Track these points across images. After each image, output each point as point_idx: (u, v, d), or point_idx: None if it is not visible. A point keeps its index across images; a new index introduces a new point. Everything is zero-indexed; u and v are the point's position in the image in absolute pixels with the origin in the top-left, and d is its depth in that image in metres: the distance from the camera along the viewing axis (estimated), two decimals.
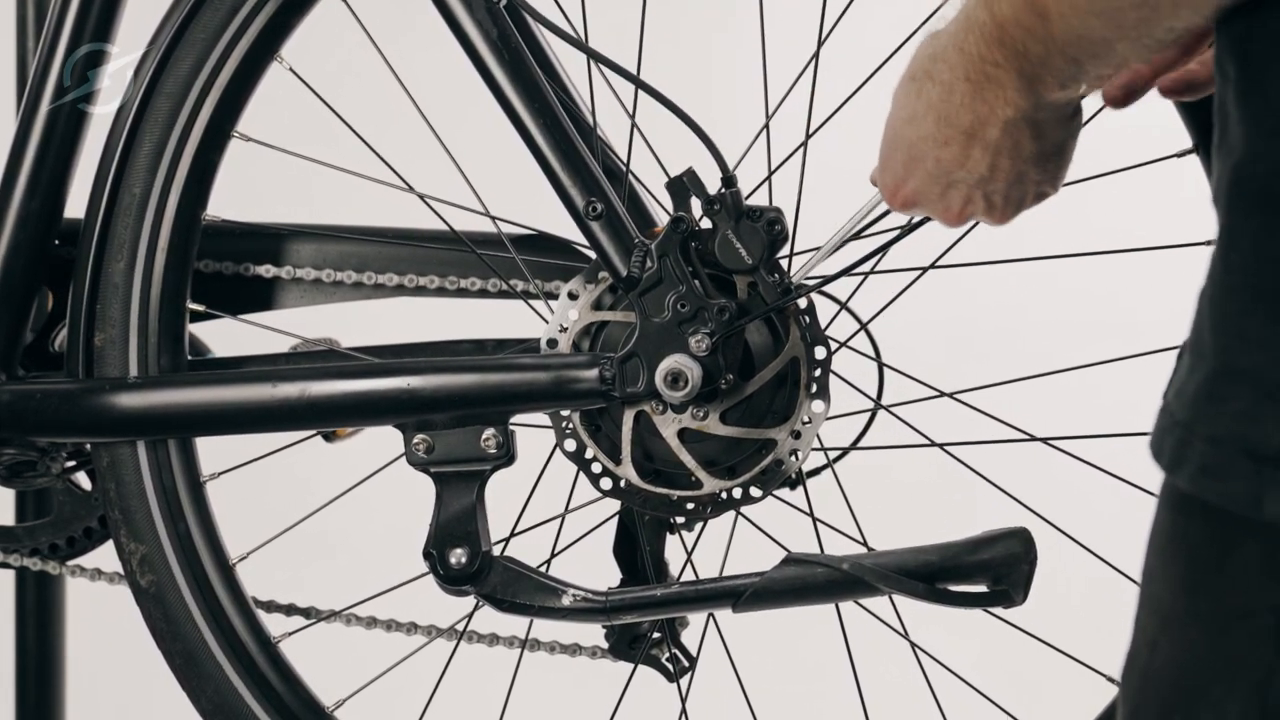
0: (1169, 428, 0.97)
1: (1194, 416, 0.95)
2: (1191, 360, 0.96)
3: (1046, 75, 1.05)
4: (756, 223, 1.39)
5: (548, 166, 1.43)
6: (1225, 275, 0.94)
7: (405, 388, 1.45)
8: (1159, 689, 1.00)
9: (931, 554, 1.37)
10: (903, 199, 1.20)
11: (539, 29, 1.52)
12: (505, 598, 1.45)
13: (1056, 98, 1.07)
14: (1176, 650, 0.99)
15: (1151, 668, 1.00)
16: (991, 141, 1.11)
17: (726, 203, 1.39)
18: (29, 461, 1.56)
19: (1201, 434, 0.94)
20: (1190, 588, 0.98)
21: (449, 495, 1.46)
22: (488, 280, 1.56)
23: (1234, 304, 0.94)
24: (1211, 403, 0.94)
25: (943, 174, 1.15)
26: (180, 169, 1.50)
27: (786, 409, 1.43)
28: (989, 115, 1.10)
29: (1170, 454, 0.96)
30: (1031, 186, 1.17)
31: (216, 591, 1.53)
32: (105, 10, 1.53)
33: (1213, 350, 0.94)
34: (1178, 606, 0.98)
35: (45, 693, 2.08)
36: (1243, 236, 0.93)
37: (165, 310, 1.51)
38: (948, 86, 1.10)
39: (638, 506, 1.46)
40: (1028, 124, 1.10)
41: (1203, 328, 0.96)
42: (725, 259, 1.40)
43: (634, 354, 1.41)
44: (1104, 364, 1.52)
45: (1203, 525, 0.96)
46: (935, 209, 1.20)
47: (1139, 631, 1.02)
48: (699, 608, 1.44)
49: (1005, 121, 1.10)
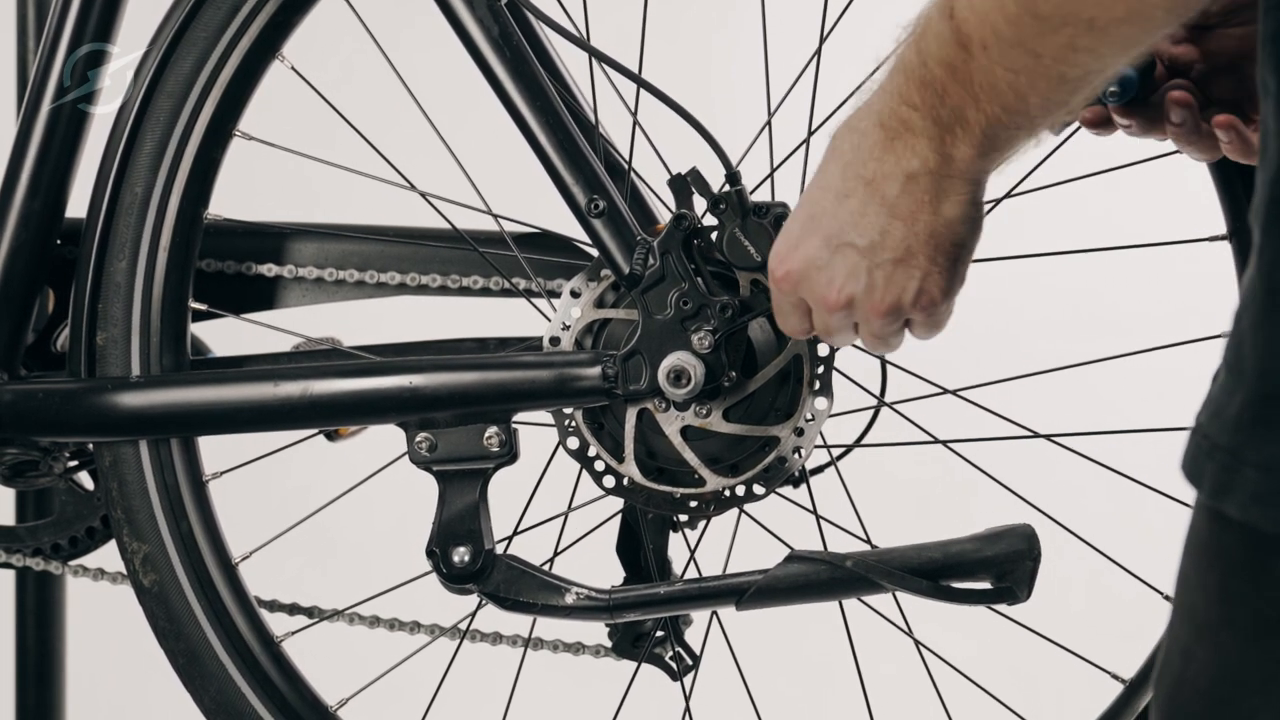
0: (1209, 452, 0.94)
1: (1241, 442, 0.92)
2: (1230, 381, 0.94)
3: (958, 128, 1.07)
4: (763, 218, 1.38)
5: (549, 164, 1.43)
6: (1268, 296, 0.92)
7: (408, 386, 1.45)
8: (1192, 699, 0.98)
9: (935, 551, 1.37)
10: (786, 269, 1.22)
11: (540, 26, 1.52)
12: (508, 596, 1.45)
13: (965, 162, 1.09)
14: (1211, 659, 0.97)
15: (1185, 676, 0.99)
16: (890, 198, 1.13)
17: (732, 201, 1.39)
18: (31, 461, 1.56)
19: (1251, 460, 0.91)
20: (1227, 597, 0.96)
21: (452, 494, 1.46)
22: (490, 278, 1.56)
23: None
24: (1260, 427, 0.91)
25: (836, 233, 1.17)
26: (182, 168, 1.50)
27: (789, 406, 1.43)
28: (894, 167, 1.12)
29: (1214, 480, 0.93)
30: (917, 275, 1.17)
31: (219, 591, 1.53)
32: (106, 10, 1.53)
33: (1257, 373, 0.92)
34: (1213, 615, 0.97)
35: (45, 693, 2.08)
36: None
37: (167, 309, 1.51)
38: (861, 133, 1.14)
39: (641, 504, 1.46)
40: (931, 186, 1.11)
41: (1243, 348, 0.93)
42: (733, 256, 1.39)
43: (636, 351, 1.41)
44: (1108, 360, 1.51)
45: (1240, 535, 0.94)
46: (817, 281, 1.20)
47: (1173, 639, 1.01)
48: (702, 606, 1.44)
49: (907, 175, 1.11)
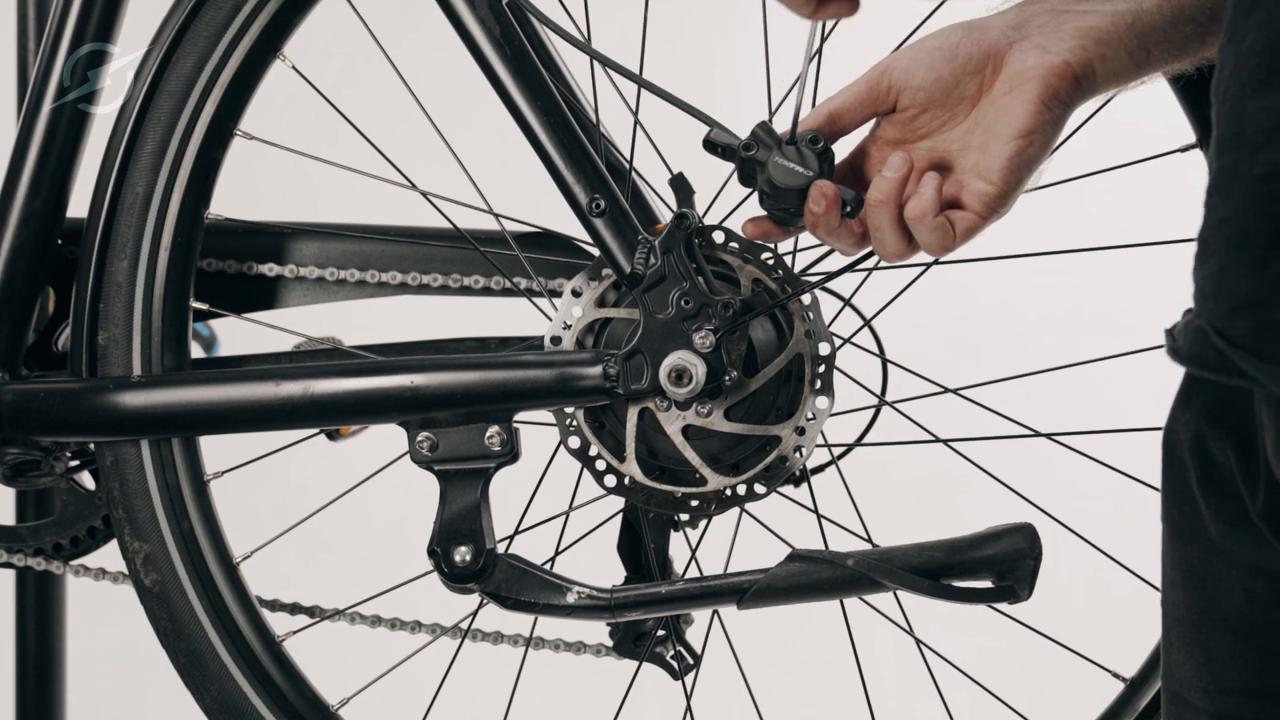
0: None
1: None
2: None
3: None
4: (799, 145, 1.33)
5: (551, 163, 1.43)
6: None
7: (409, 386, 1.45)
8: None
9: (936, 550, 1.37)
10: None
11: (542, 26, 1.52)
12: (509, 595, 1.45)
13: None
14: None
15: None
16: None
17: (761, 136, 1.34)
18: (32, 461, 1.56)
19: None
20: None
21: (453, 493, 1.46)
22: (491, 278, 1.56)
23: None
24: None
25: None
26: (183, 168, 1.50)
27: (791, 405, 1.43)
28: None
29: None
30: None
31: (221, 590, 1.53)
32: (106, 10, 1.53)
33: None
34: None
35: (45, 693, 2.08)
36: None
37: (168, 309, 1.51)
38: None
39: (642, 503, 1.46)
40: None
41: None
42: (786, 180, 1.31)
43: (638, 351, 1.41)
44: (1108, 359, 1.52)
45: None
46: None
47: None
48: (703, 605, 1.44)
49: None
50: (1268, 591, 1.00)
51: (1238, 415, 0.98)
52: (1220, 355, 0.94)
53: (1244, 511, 0.99)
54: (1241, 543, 1.00)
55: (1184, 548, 1.04)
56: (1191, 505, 1.02)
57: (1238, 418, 0.98)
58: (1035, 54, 1.23)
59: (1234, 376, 0.94)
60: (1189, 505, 1.03)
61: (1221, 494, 1.00)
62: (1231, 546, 1.01)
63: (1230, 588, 1.01)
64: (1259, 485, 0.97)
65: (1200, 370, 0.97)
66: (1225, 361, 0.94)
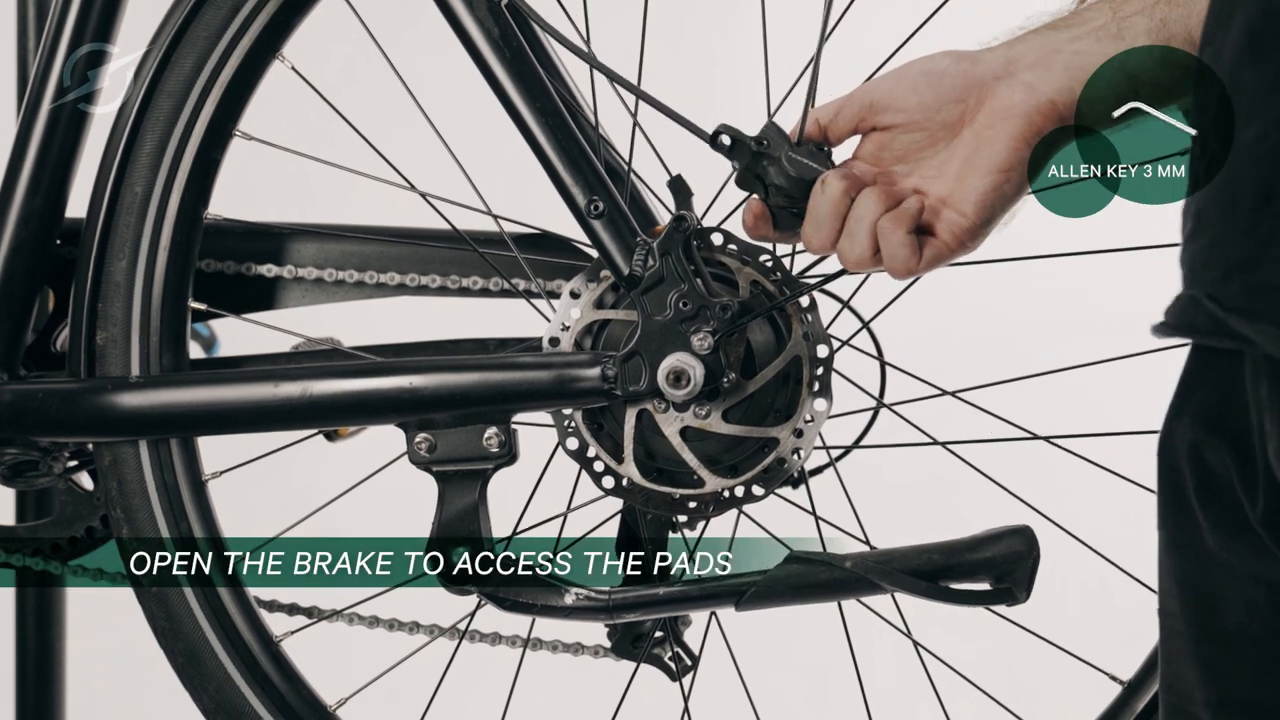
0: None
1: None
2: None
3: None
4: (808, 146, 1.35)
5: (549, 165, 1.43)
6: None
7: (407, 387, 1.45)
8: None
9: (934, 552, 1.37)
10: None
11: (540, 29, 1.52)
12: (507, 597, 1.45)
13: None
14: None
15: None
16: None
17: (771, 134, 1.35)
18: (31, 461, 1.56)
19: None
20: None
21: (451, 494, 1.47)
22: (489, 279, 1.56)
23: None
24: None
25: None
26: (182, 168, 1.50)
27: (789, 407, 1.43)
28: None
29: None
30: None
31: (218, 590, 1.53)
32: (106, 10, 1.53)
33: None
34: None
35: (45, 693, 2.08)
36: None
37: (167, 309, 1.51)
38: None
39: (640, 505, 1.46)
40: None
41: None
42: (799, 173, 1.33)
43: (636, 352, 1.41)
44: (1106, 362, 1.52)
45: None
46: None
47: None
48: (702, 606, 1.44)
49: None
50: (1268, 602, 0.99)
51: (1235, 420, 0.98)
52: (1211, 318, 0.94)
53: (1242, 521, 0.99)
54: (1240, 553, 1.00)
55: (1181, 559, 1.04)
56: (1189, 516, 1.02)
57: (1235, 423, 0.98)
58: (1022, 91, 1.23)
59: (1225, 339, 0.94)
60: (1186, 516, 1.02)
61: (1219, 504, 1.00)
62: (1230, 557, 1.00)
63: (1229, 599, 1.01)
64: (1258, 491, 0.97)
65: (1191, 335, 0.97)
66: (1216, 324, 0.94)
